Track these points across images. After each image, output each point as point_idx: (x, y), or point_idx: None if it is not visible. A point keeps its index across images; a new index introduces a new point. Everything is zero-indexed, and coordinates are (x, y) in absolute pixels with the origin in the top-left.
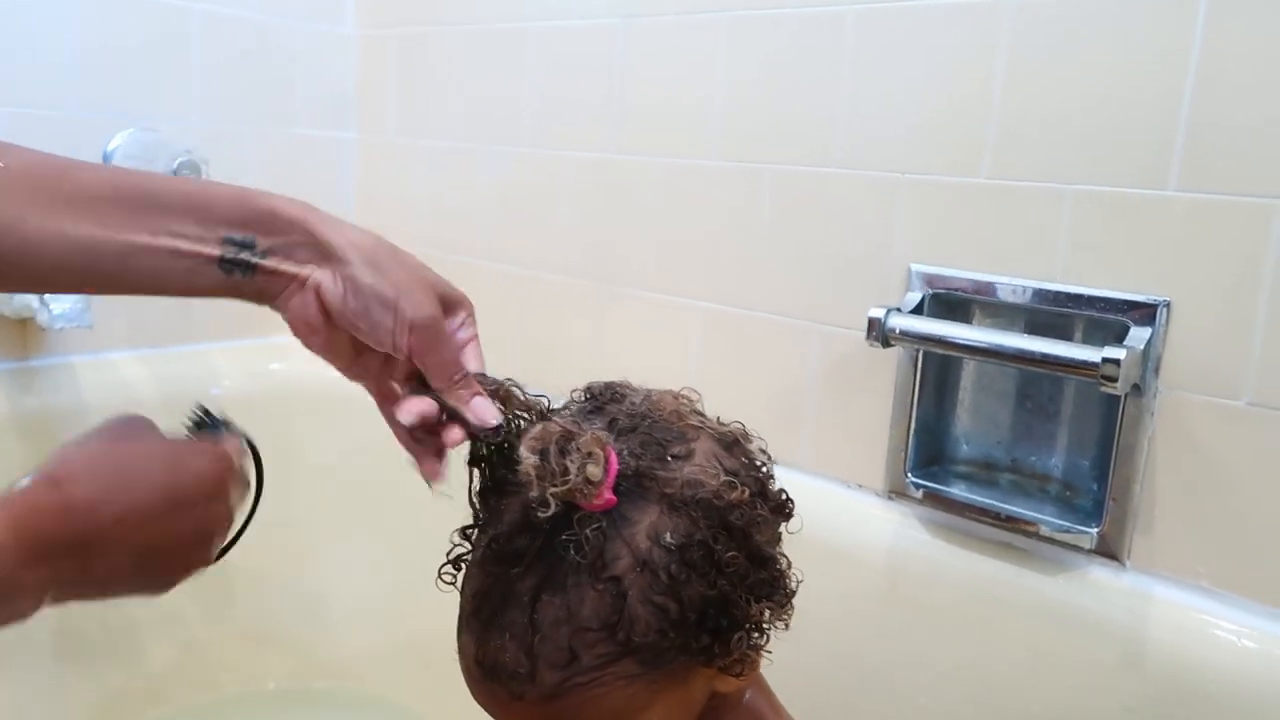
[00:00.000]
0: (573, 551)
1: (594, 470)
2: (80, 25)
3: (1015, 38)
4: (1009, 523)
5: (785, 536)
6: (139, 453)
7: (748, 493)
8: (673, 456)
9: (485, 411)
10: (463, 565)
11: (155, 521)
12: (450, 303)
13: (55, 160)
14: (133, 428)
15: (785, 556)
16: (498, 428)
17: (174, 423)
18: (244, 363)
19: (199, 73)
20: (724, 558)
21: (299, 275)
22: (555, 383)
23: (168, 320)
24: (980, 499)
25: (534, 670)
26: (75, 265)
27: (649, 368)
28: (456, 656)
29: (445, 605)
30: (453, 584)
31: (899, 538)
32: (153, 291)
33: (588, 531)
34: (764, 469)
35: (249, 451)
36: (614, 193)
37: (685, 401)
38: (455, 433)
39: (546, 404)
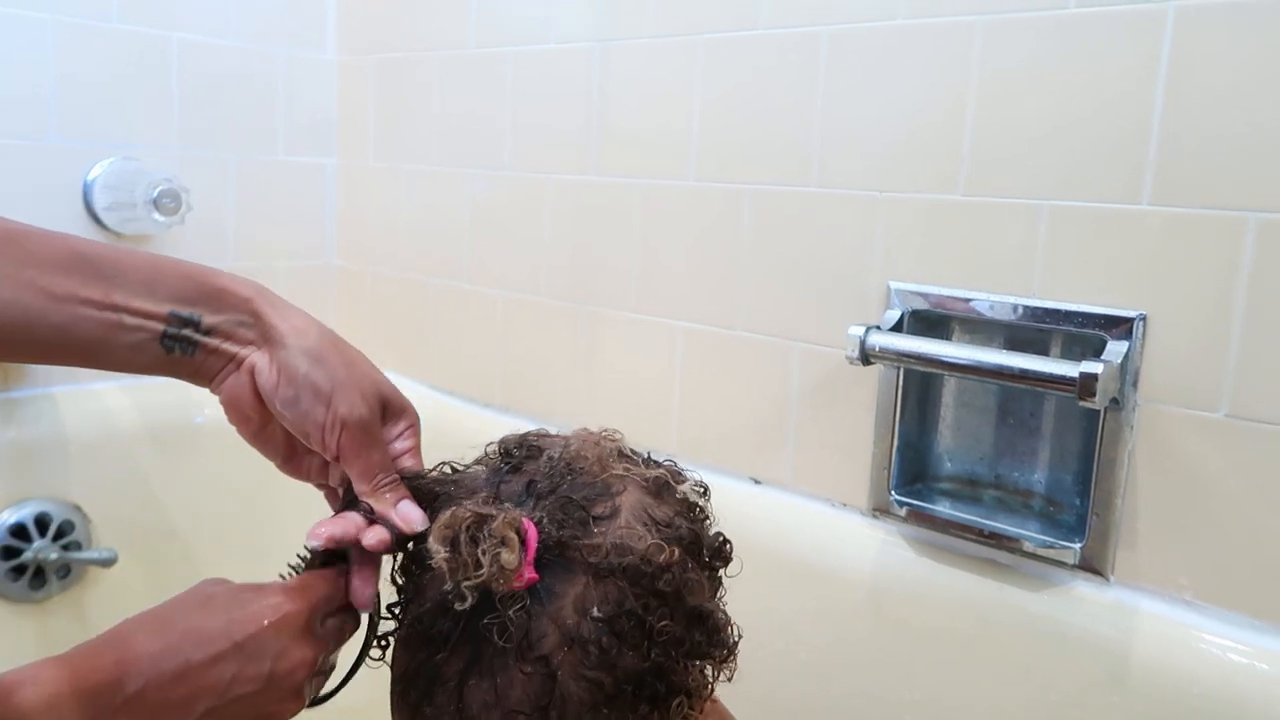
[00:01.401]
0: (497, 635)
1: (509, 558)
2: (59, 55)
3: (987, 56)
4: (993, 539)
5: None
6: (199, 604)
7: (677, 553)
8: (596, 519)
9: (411, 515)
10: (388, 642)
11: (219, 672)
12: (392, 409)
13: (9, 226)
14: (204, 586)
15: (723, 612)
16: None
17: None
18: None
19: (179, 100)
20: (656, 626)
21: (237, 355)
22: (539, 407)
23: None
24: (964, 516)
25: None
26: (12, 332)
27: (631, 388)
28: None
29: (374, 663)
30: (381, 659)
31: (883, 555)
32: (89, 363)
33: (511, 612)
34: (698, 512)
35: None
36: (594, 214)
37: (608, 444)
38: (371, 536)
39: (450, 469)
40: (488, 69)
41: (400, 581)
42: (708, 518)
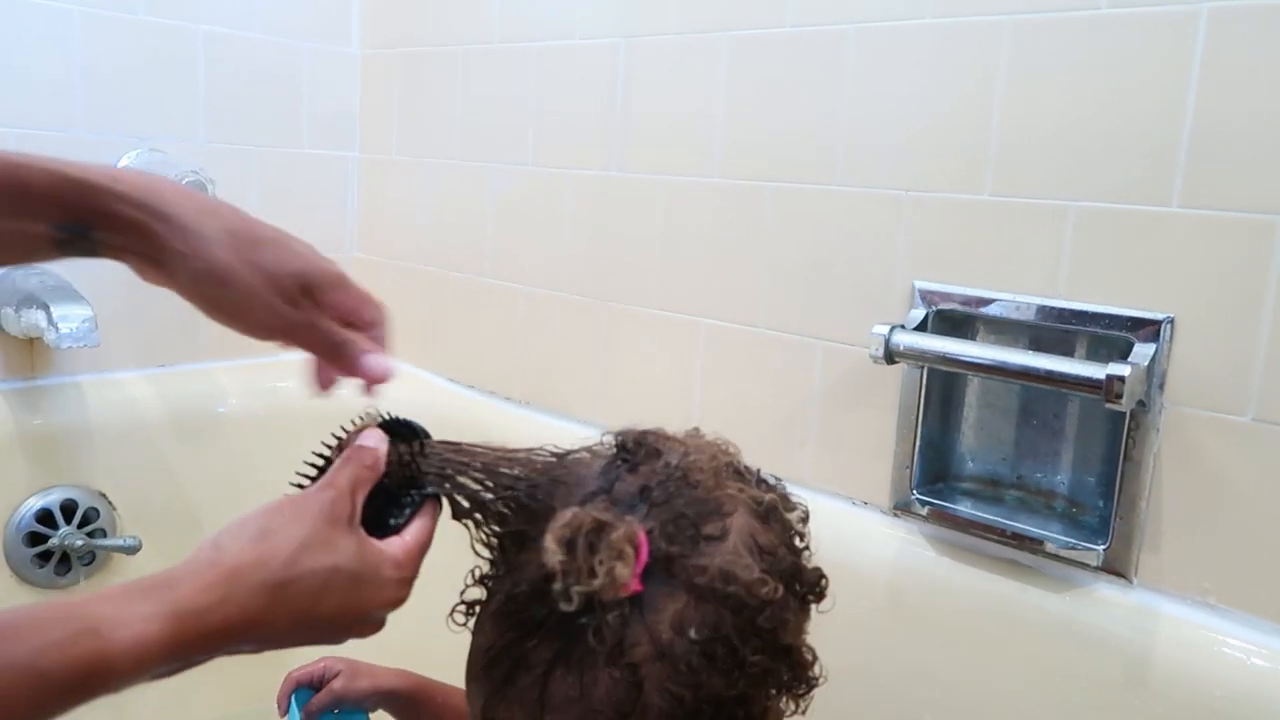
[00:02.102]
0: (591, 636)
1: (622, 571)
2: (87, 47)
3: (1015, 55)
4: (1015, 540)
5: (816, 673)
6: (320, 577)
7: (780, 591)
8: (706, 538)
9: (375, 366)
10: (474, 611)
11: (310, 636)
12: (317, 282)
13: None
14: (317, 528)
15: (810, 650)
16: (484, 502)
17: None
18: (250, 381)
19: (204, 93)
20: (749, 659)
21: (142, 268)
22: (560, 402)
23: (174, 339)
24: (986, 516)
25: None
26: None
27: (654, 385)
28: (458, 682)
29: (452, 634)
30: (464, 625)
31: (904, 554)
32: None
33: (609, 617)
34: (800, 542)
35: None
36: (616, 210)
37: (724, 458)
38: (431, 516)
39: (554, 453)
40: (511, 64)
41: (495, 551)
42: (808, 548)
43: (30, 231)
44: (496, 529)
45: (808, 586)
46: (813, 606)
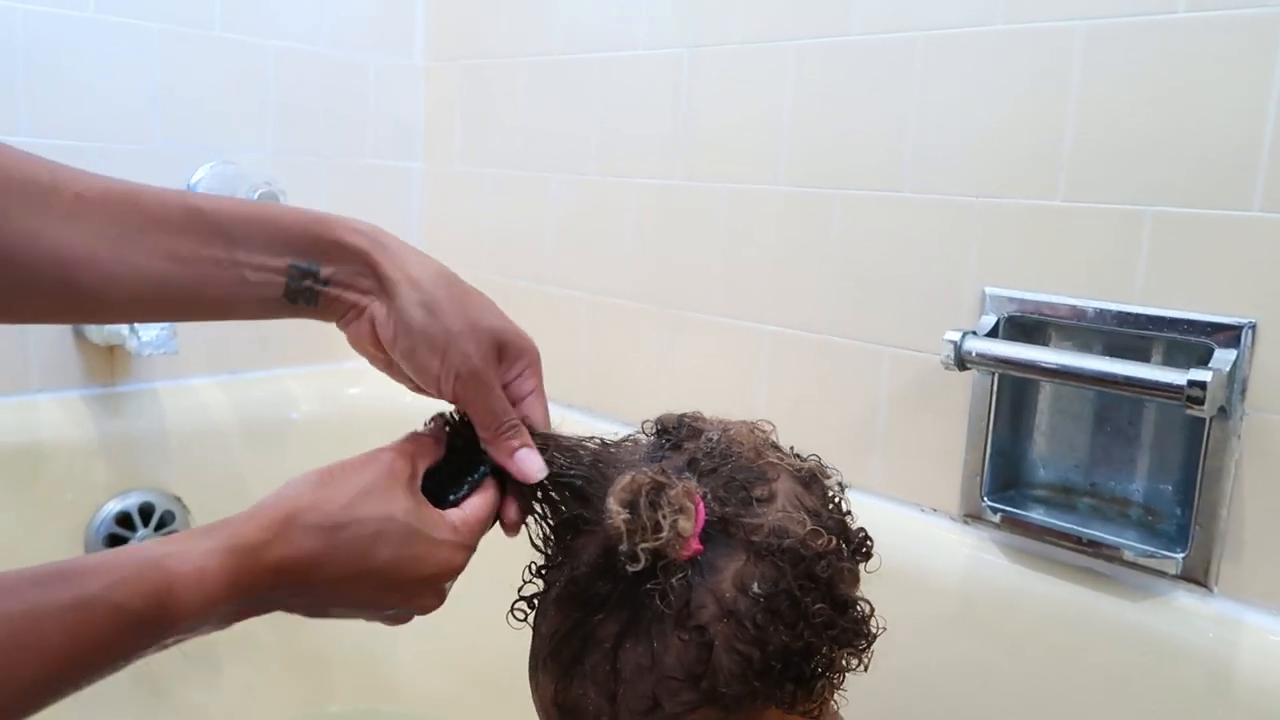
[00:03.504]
0: (658, 601)
1: (685, 525)
2: (163, 64)
3: (1088, 59)
4: (1090, 547)
5: (873, 627)
6: (374, 524)
7: (834, 541)
8: (756, 500)
9: (528, 464)
10: (534, 603)
11: (364, 593)
12: (512, 350)
13: (127, 188)
14: (379, 479)
15: (867, 602)
16: (540, 484)
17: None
18: (320, 387)
19: (274, 107)
20: (810, 608)
21: (357, 304)
22: (623, 409)
23: (246, 347)
24: (1060, 523)
25: (615, 717)
26: (148, 297)
27: (717, 392)
28: (516, 682)
29: (510, 632)
30: (525, 620)
31: (976, 562)
32: (219, 318)
33: (673, 580)
34: (841, 505)
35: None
36: (680, 219)
37: (761, 434)
38: (492, 493)
39: (602, 442)
40: (573, 74)
41: (552, 539)
42: (849, 512)
43: (272, 266)
44: (549, 518)
45: (856, 543)
46: (861, 567)
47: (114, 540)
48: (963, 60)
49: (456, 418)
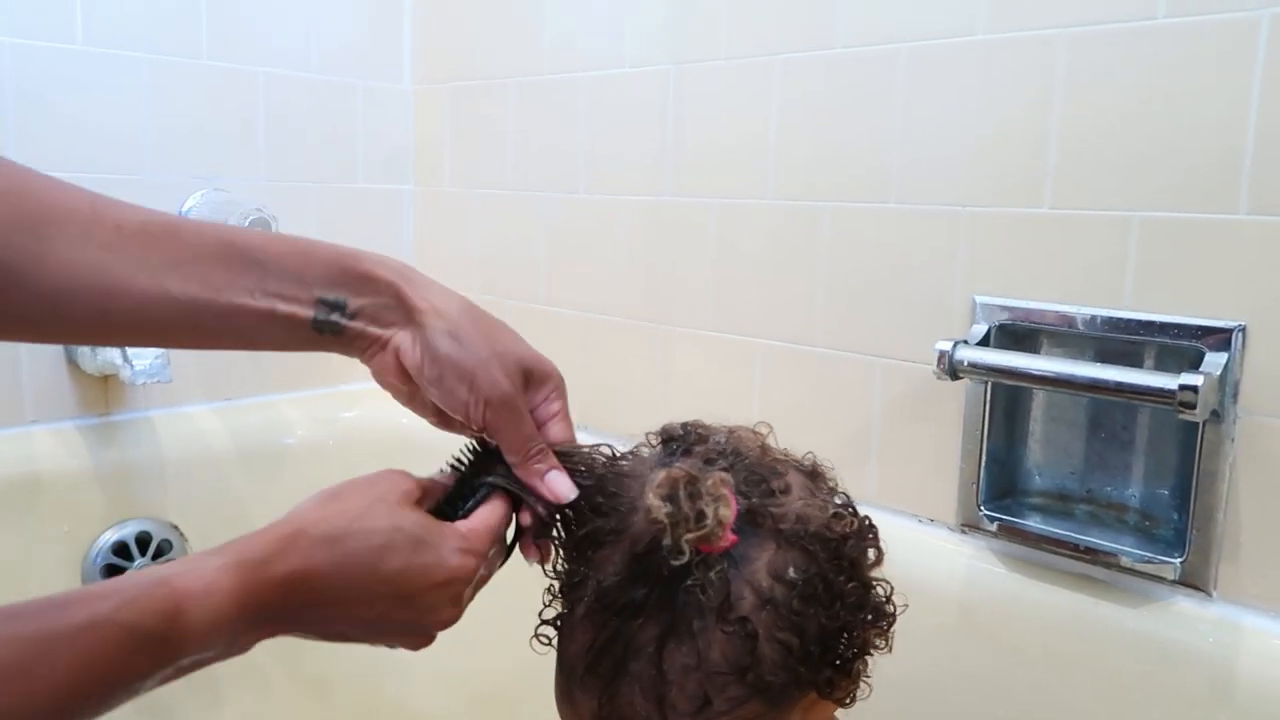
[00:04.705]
0: (700, 595)
1: (725, 512)
2: (152, 94)
3: (1072, 67)
4: (1088, 554)
5: (893, 608)
6: (382, 535)
7: (855, 523)
8: (776, 491)
9: (559, 486)
10: (557, 626)
11: (373, 610)
12: (536, 377)
13: (164, 220)
14: (386, 494)
15: (886, 582)
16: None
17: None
18: (316, 412)
19: (265, 133)
20: (843, 588)
21: (381, 337)
22: (617, 425)
23: (240, 373)
24: (1057, 530)
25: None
26: (180, 324)
27: (711, 406)
28: (519, 703)
29: (512, 653)
30: (549, 644)
31: (974, 571)
32: (247, 348)
33: (711, 574)
34: (847, 497)
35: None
36: (670, 234)
37: (761, 435)
38: (525, 515)
39: (612, 452)
40: (561, 94)
41: (574, 557)
42: (851, 504)
43: (301, 299)
44: (566, 534)
45: (867, 527)
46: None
47: (112, 570)
48: (947, 71)
49: (465, 456)
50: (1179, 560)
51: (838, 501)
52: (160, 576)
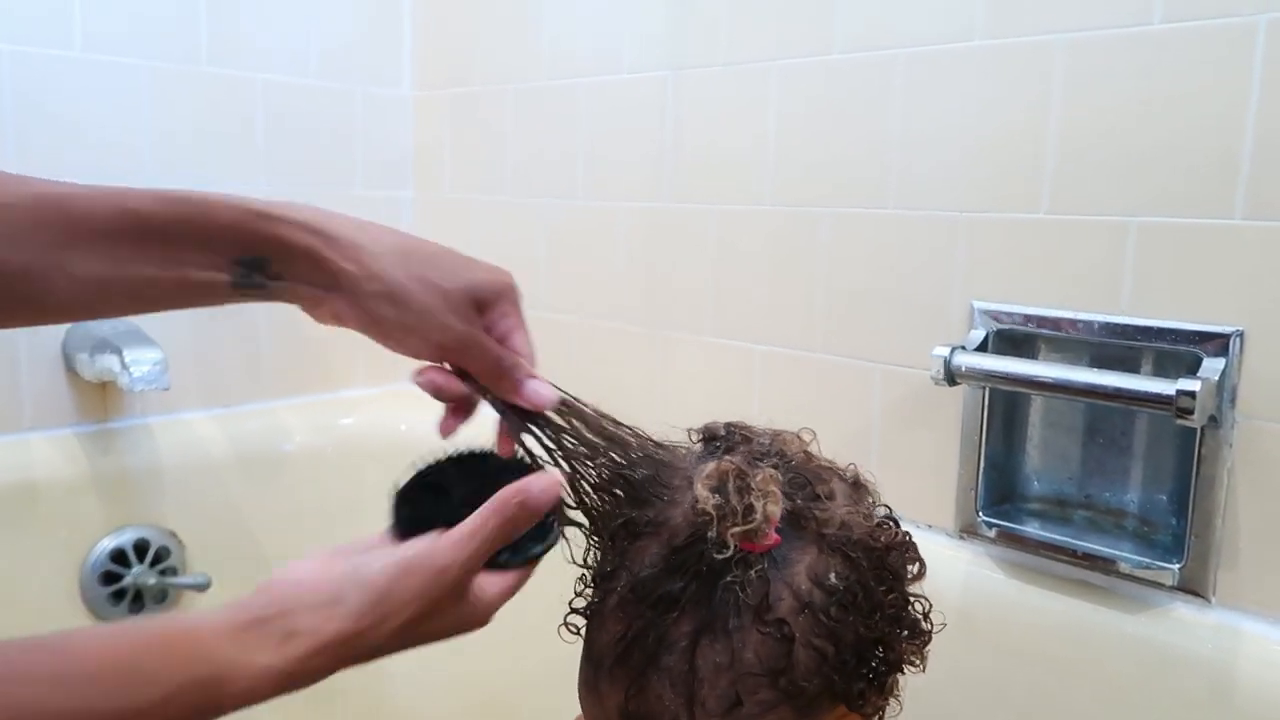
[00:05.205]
0: (740, 593)
1: (773, 509)
2: (152, 101)
3: (1069, 73)
4: (1086, 560)
5: (930, 625)
6: (429, 625)
7: (899, 535)
8: (821, 496)
9: (540, 393)
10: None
11: (412, 634)
12: (487, 297)
13: (57, 194)
14: (440, 588)
15: (926, 599)
16: (594, 484)
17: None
18: (314, 418)
19: (264, 139)
20: (884, 599)
21: (313, 296)
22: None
23: (239, 379)
24: (1055, 536)
25: (691, 719)
26: (89, 299)
27: (710, 412)
28: (522, 708)
29: (516, 658)
30: (578, 633)
31: (973, 577)
32: (167, 310)
33: (752, 573)
34: (890, 510)
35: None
36: (669, 240)
37: (805, 441)
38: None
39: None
40: (560, 100)
41: (608, 546)
42: (894, 517)
43: (214, 263)
44: (601, 521)
45: (909, 543)
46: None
47: (109, 578)
48: (944, 77)
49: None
50: (1177, 566)
51: (881, 513)
52: (212, 670)
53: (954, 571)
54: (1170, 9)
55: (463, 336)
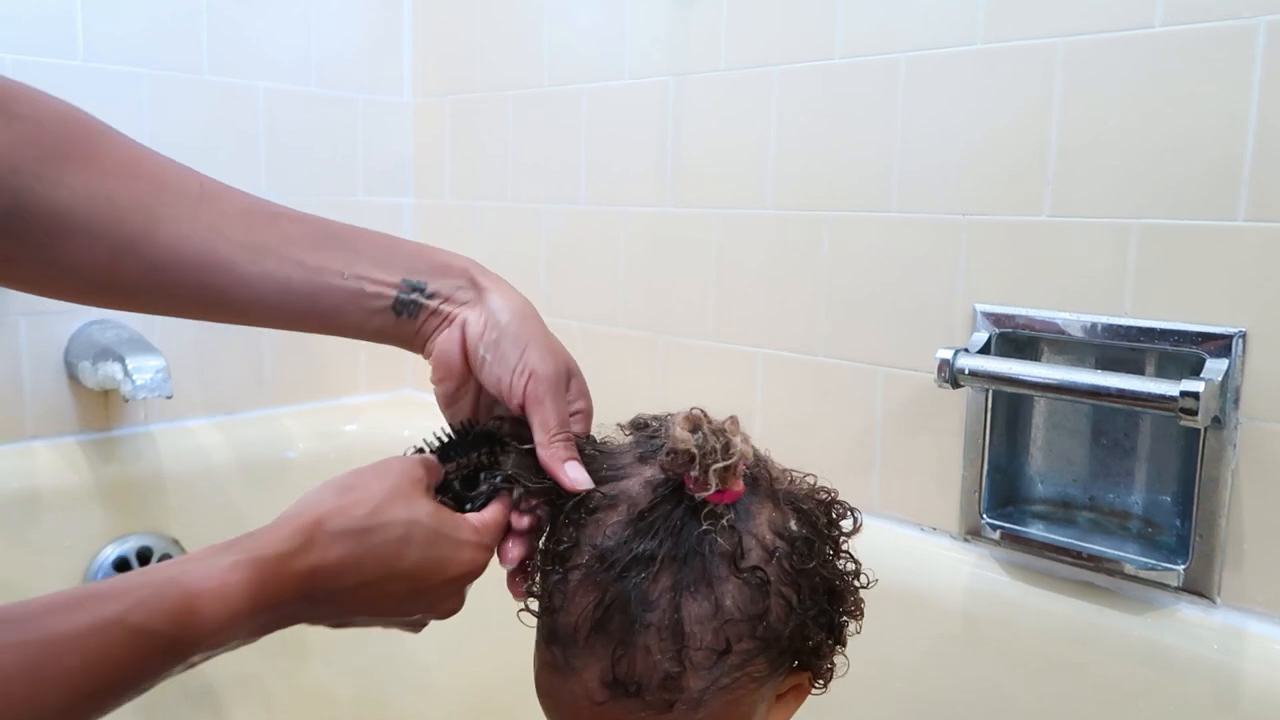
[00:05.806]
0: (720, 541)
1: (747, 448)
2: (154, 109)
3: (1070, 76)
4: (1091, 561)
5: (863, 581)
6: (400, 527)
7: (833, 492)
8: (762, 458)
9: (578, 475)
10: (543, 592)
11: (387, 602)
12: (575, 388)
13: (267, 207)
14: (400, 484)
15: (855, 557)
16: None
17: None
18: (316, 425)
19: (265, 147)
20: (835, 548)
21: (452, 315)
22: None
23: (241, 386)
24: (1060, 538)
25: (684, 672)
26: (271, 302)
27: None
28: (520, 708)
29: (511, 659)
30: (537, 615)
31: (977, 579)
32: (326, 329)
33: (724, 522)
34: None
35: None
36: (671, 245)
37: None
38: (522, 519)
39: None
40: (561, 106)
41: (560, 535)
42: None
43: (386, 280)
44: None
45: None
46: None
47: None
48: (945, 80)
49: (445, 437)
50: (1182, 567)
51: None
52: (170, 575)
53: (958, 574)
54: (1171, 11)
55: (555, 376)
